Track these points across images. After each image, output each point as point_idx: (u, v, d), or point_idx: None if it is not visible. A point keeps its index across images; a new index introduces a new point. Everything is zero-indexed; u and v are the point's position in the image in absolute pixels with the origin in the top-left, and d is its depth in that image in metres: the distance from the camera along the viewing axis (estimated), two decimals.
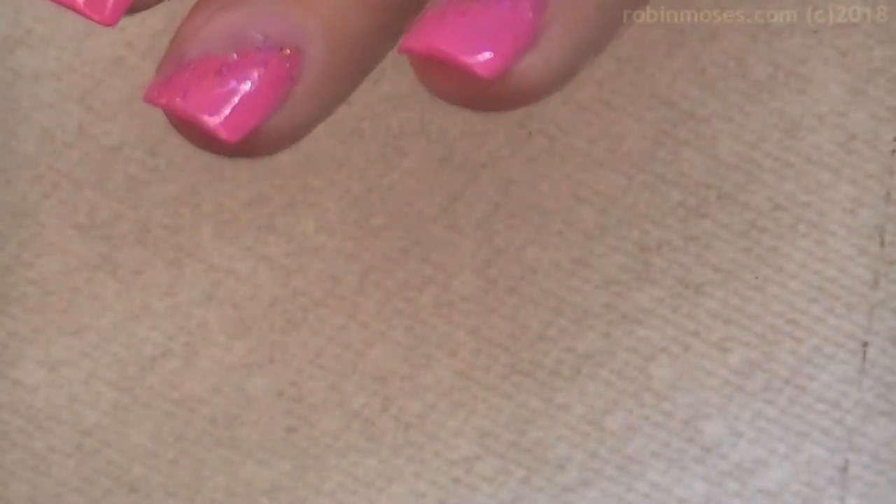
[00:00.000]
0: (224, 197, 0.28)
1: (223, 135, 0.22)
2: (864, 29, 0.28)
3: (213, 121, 0.22)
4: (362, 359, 0.28)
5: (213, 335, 0.28)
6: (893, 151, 0.29)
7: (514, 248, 0.29)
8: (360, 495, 0.28)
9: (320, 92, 0.23)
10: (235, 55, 0.22)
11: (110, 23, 0.23)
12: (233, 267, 0.28)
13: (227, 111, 0.22)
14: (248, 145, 0.23)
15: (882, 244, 0.29)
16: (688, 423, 0.29)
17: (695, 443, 0.29)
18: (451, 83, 0.22)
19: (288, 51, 0.22)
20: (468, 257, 0.29)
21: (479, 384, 0.28)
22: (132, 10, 0.23)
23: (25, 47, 0.28)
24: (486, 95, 0.22)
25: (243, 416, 0.28)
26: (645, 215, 0.29)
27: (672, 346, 0.29)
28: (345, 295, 0.28)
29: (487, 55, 0.22)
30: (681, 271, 0.29)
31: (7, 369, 0.28)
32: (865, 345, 0.29)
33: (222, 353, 0.28)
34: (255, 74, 0.22)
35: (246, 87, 0.22)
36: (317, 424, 0.28)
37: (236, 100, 0.22)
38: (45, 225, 0.28)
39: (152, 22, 0.28)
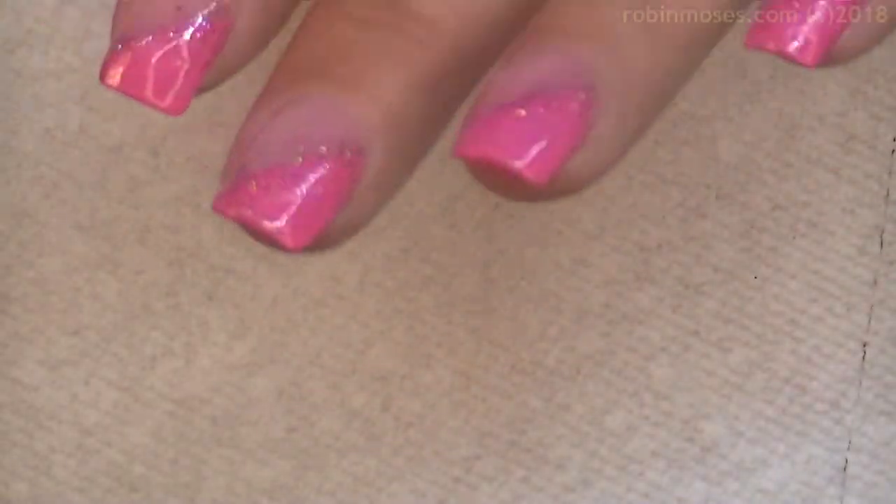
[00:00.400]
0: None
1: (289, 242, 0.22)
2: None
3: (278, 228, 0.22)
4: (362, 358, 0.28)
5: (214, 335, 0.28)
6: (893, 151, 0.29)
7: (514, 248, 0.28)
8: (361, 495, 0.28)
9: (382, 186, 0.23)
10: (298, 160, 0.22)
11: (178, 112, 0.23)
12: (233, 267, 0.28)
13: (292, 218, 0.22)
14: (314, 245, 0.23)
15: (881, 244, 0.29)
16: (687, 422, 0.28)
17: (694, 442, 0.28)
18: (503, 183, 0.22)
19: (349, 153, 0.23)
20: (468, 257, 0.28)
21: (479, 384, 0.28)
22: (200, 90, 0.23)
23: (26, 47, 0.28)
24: (538, 193, 0.22)
25: (244, 416, 0.28)
26: (645, 215, 0.28)
27: (672, 346, 0.28)
28: (345, 295, 0.28)
29: (538, 160, 0.22)
30: (680, 271, 0.28)
31: (7, 369, 0.28)
32: (865, 345, 0.29)
33: (223, 353, 0.28)
34: (318, 179, 0.22)
35: (309, 192, 0.22)
36: (317, 424, 0.28)
37: (300, 206, 0.22)
38: (45, 225, 0.28)
39: None
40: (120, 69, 0.23)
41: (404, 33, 0.23)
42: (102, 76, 0.23)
